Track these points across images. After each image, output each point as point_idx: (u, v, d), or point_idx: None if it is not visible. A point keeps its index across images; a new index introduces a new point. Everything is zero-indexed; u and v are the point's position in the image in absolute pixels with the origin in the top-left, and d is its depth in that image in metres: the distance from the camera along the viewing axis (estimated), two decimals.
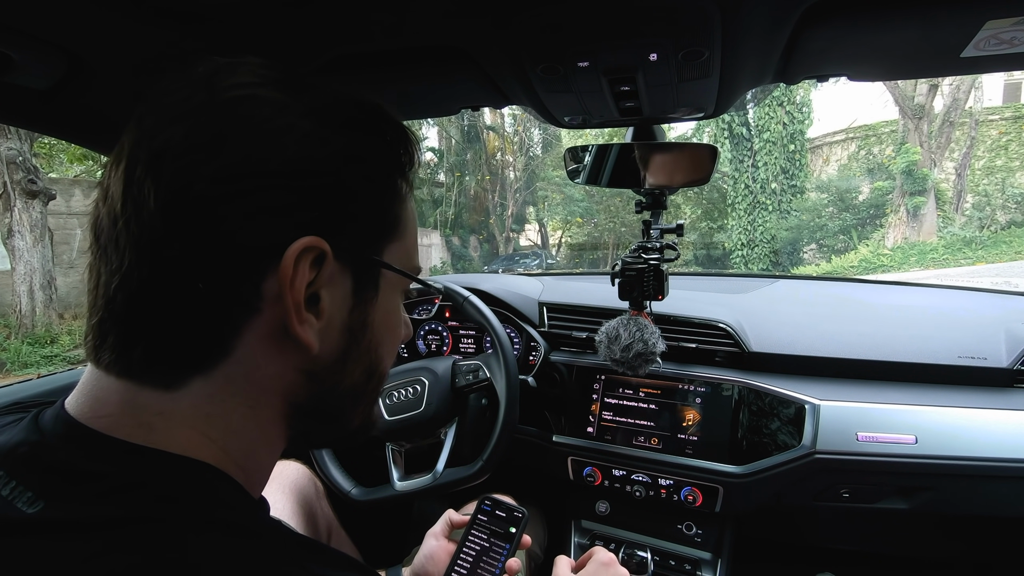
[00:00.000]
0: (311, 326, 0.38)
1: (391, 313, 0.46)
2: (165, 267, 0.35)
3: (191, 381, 0.37)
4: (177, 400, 0.36)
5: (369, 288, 0.43)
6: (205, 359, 0.37)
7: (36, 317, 6.95)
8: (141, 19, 0.60)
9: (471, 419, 1.07)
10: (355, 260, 0.41)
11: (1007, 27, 0.58)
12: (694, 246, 13.56)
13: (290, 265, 0.36)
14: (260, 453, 0.41)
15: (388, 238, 0.44)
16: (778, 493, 1.04)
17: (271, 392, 0.40)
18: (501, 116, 15.21)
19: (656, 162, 0.99)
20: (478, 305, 1.10)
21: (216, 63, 0.39)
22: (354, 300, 0.42)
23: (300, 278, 0.37)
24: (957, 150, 11.89)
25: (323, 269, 0.38)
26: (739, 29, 0.60)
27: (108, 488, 0.33)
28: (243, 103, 0.37)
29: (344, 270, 0.40)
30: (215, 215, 0.35)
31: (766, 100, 10.56)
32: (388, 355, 0.47)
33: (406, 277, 0.46)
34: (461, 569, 0.77)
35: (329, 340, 0.40)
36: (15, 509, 0.31)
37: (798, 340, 1.13)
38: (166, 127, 0.36)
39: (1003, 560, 1.18)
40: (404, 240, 0.45)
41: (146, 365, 0.36)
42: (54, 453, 0.34)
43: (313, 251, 0.37)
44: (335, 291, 0.40)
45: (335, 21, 0.63)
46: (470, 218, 15.99)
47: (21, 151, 6.41)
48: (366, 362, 0.44)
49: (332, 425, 0.47)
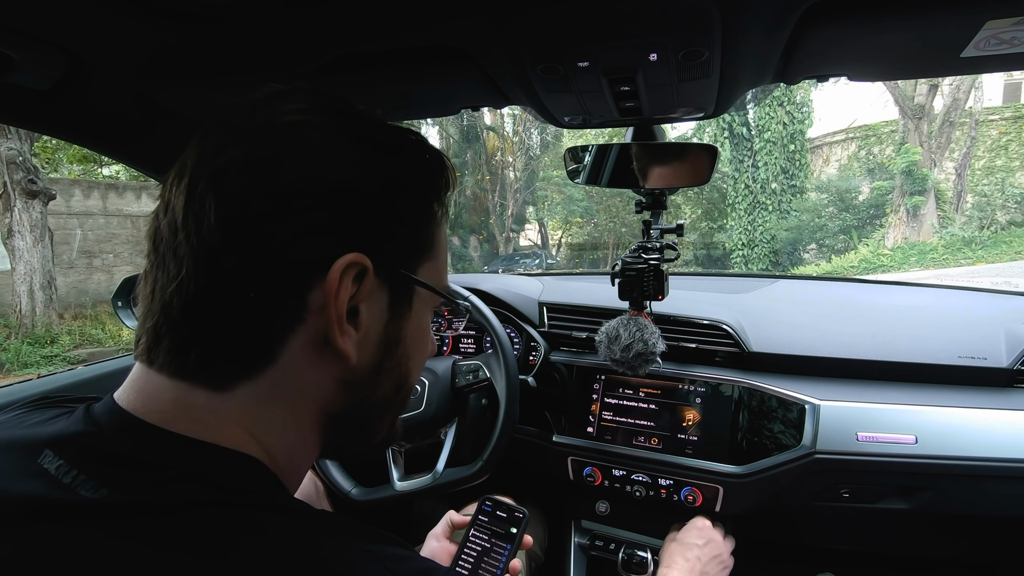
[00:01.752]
0: (350, 338, 0.41)
1: (421, 329, 0.49)
2: (221, 277, 0.38)
3: (239, 385, 0.39)
4: (226, 400, 0.39)
5: (404, 304, 0.45)
6: (253, 364, 0.39)
7: (36, 317, 6.95)
8: (141, 19, 0.60)
9: (471, 419, 1.07)
10: (392, 277, 0.44)
11: (1007, 27, 0.58)
12: (694, 246, 13.57)
13: (336, 279, 0.39)
14: (298, 456, 0.44)
15: (423, 257, 0.46)
16: (778, 493, 1.04)
17: (310, 399, 0.42)
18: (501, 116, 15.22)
19: (656, 162, 0.99)
20: (478, 305, 1.10)
21: (274, 88, 0.42)
22: (390, 314, 0.44)
23: (344, 291, 0.39)
24: (957, 150, 11.89)
25: (364, 284, 0.41)
26: (739, 29, 0.60)
27: (169, 476, 0.35)
28: (300, 128, 0.40)
29: (382, 286, 0.43)
30: (270, 230, 0.38)
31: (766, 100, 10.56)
32: (416, 369, 0.50)
33: (437, 295, 0.48)
34: (462, 570, 0.77)
35: (365, 352, 0.43)
36: (78, 496, 0.33)
37: (798, 340, 1.13)
38: (228, 147, 0.39)
39: (1003, 560, 1.18)
40: (437, 260, 0.48)
41: (199, 367, 0.39)
42: (113, 444, 0.37)
43: (356, 267, 0.40)
44: (373, 305, 0.43)
45: (335, 21, 0.63)
46: (470, 218, 15.99)
47: (21, 151, 6.41)
48: (397, 375, 0.46)
49: (361, 435, 0.48)
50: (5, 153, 6.32)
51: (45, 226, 6.87)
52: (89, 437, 0.37)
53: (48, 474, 0.35)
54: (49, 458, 0.36)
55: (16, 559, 0.32)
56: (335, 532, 0.37)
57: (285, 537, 0.34)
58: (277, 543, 0.34)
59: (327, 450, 0.47)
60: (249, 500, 0.36)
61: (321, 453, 0.47)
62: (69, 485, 0.34)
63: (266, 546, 0.33)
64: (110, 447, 0.37)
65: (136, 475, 0.35)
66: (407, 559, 0.38)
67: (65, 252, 8.18)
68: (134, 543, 0.32)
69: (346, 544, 0.36)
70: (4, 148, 6.30)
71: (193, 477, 0.35)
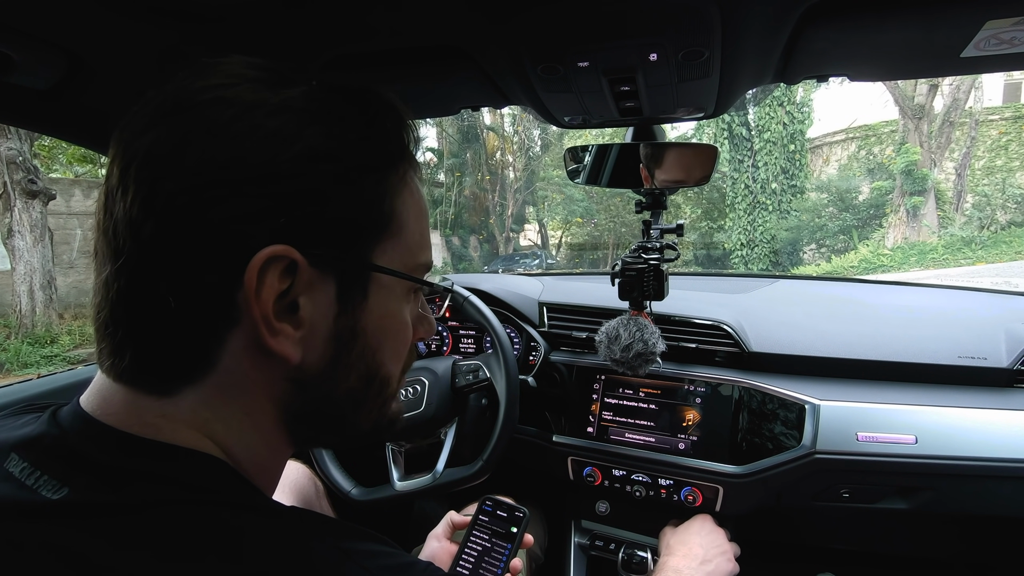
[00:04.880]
0: (287, 337, 0.37)
1: (390, 316, 0.43)
2: (141, 279, 0.35)
3: (182, 390, 0.37)
4: (175, 404, 0.37)
5: (355, 294, 0.40)
6: (192, 370, 0.37)
7: (36, 317, 6.95)
8: (141, 19, 0.60)
9: (471, 419, 1.07)
10: (336, 265, 0.38)
11: (1007, 27, 0.58)
12: (694, 246, 13.57)
13: (254, 277, 0.35)
14: (263, 455, 0.41)
15: (378, 237, 0.40)
16: (778, 493, 1.04)
17: (263, 399, 0.39)
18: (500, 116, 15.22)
19: (656, 162, 0.99)
20: (478, 305, 1.10)
21: (196, 66, 0.38)
22: (340, 306, 0.39)
23: (268, 289, 0.35)
24: (957, 150, 11.90)
25: (298, 277, 0.36)
26: (739, 29, 0.60)
27: (131, 477, 0.34)
28: (208, 107, 0.35)
29: (325, 276, 0.38)
30: (181, 226, 0.34)
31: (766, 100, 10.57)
32: (391, 359, 0.44)
33: (405, 279, 0.42)
34: (463, 570, 0.77)
35: (313, 349, 0.39)
36: (40, 496, 0.33)
37: (798, 340, 1.13)
38: (138, 137, 0.35)
39: (1003, 560, 1.18)
40: (402, 236, 0.42)
41: (136, 372, 0.37)
42: (74, 445, 0.36)
43: (282, 260, 0.35)
44: (317, 298, 0.38)
45: (335, 21, 0.63)
46: (470, 218, 15.99)
47: (21, 151, 6.41)
48: (361, 368, 0.42)
49: (336, 430, 0.45)
50: (5, 153, 6.32)
51: (45, 226, 6.87)
52: (52, 439, 0.36)
53: (13, 477, 0.34)
54: (15, 461, 0.35)
55: None
56: (307, 529, 0.36)
57: (255, 536, 0.33)
58: (247, 542, 0.33)
59: (300, 444, 0.44)
60: (214, 499, 0.35)
61: (295, 448, 0.44)
62: (32, 487, 0.33)
63: (236, 545, 0.32)
64: (72, 449, 0.35)
65: (97, 476, 0.34)
66: (380, 555, 0.37)
67: (65, 252, 8.18)
68: (100, 542, 0.31)
69: (318, 541, 0.35)
70: (4, 148, 6.30)
71: (155, 478, 0.34)
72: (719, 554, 0.91)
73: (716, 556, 0.90)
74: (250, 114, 0.35)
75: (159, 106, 0.36)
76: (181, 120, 0.35)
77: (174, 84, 0.37)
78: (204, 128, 0.35)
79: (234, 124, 0.35)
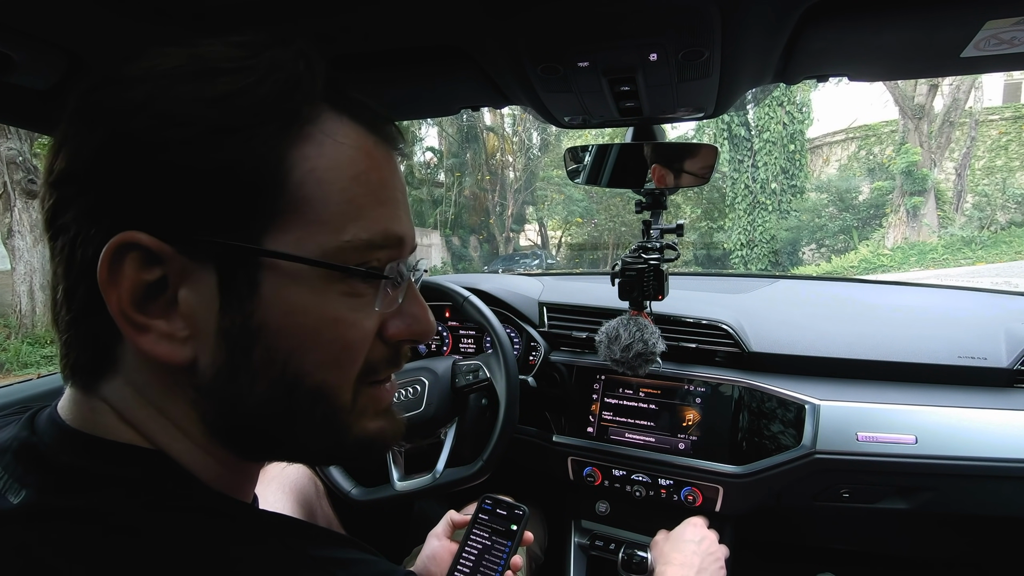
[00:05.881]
0: (161, 335, 0.33)
1: (304, 312, 0.35)
2: (55, 275, 0.36)
3: (99, 386, 0.36)
4: (102, 400, 0.36)
5: (239, 284, 0.33)
6: (99, 367, 0.36)
7: (36, 317, 6.94)
8: (141, 19, 0.60)
9: (471, 419, 1.07)
10: (209, 250, 0.33)
11: (1007, 27, 0.58)
12: (694, 246, 13.57)
13: (104, 268, 0.31)
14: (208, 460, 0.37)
15: (269, 213, 0.33)
16: (778, 493, 1.04)
17: (178, 404, 0.36)
18: (500, 116, 15.23)
19: (656, 162, 0.99)
20: (478, 305, 1.10)
21: None
22: (223, 299, 0.33)
23: (126, 280, 0.32)
24: (957, 150, 11.90)
25: (169, 266, 0.32)
26: (739, 29, 0.60)
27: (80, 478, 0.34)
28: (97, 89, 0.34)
29: (203, 264, 0.33)
30: (55, 216, 0.34)
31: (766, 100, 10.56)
32: (320, 366, 0.36)
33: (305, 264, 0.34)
34: (464, 568, 0.77)
35: (206, 350, 0.34)
36: (5, 500, 0.33)
37: (798, 340, 1.13)
38: None
39: (1003, 560, 1.18)
40: (311, 208, 0.34)
41: (63, 365, 0.37)
42: (40, 448, 0.36)
43: (136, 248, 0.32)
44: (199, 290, 0.33)
45: (334, 22, 0.63)
46: (470, 218, 15.99)
47: (21, 151, 6.41)
48: (272, 376, 0.35)
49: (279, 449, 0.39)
50: (5, 153, 6.32)
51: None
52: (22, 442, 0.36)
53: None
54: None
55: None
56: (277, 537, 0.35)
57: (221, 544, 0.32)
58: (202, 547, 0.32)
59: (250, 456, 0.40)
60: (170, 503, 0.33)
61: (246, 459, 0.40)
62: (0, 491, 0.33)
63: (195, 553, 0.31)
64: (40, 452, 0.35)
65: (52, 477, 0.34)
66: (356, 563, 0.36)
67: None
68: (52, 547, 0.31)
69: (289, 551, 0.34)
70: (4, 148, 6.30)
71: (109, 480, 0.33)
72: (713, 561, 0.91)
73: (711, 564, 0.90)
74: (121, 90, 0.33)
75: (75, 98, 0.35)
76: (70, 110, 0.35)
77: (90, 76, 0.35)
78: (84, 113, 0.34)
79: (104, 101, 0.33)
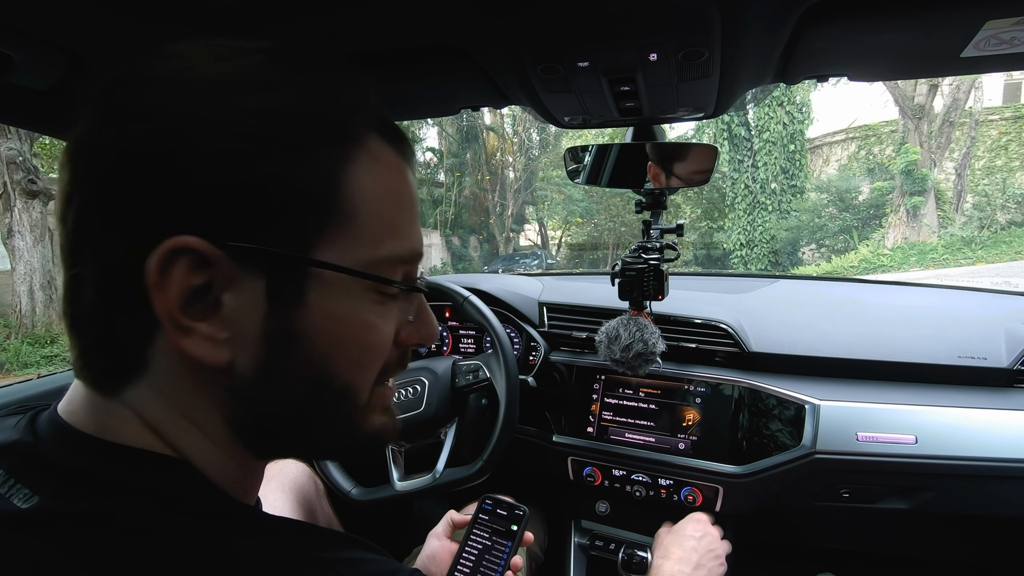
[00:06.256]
0: (205, 338, 0.34)
1: (342, 319, 0.37)
2: (72, 271, 0.35)
3: (124, 390, 0.36)
4: (122, 404, 0.36)
5: (287, 291, 0.35)
6: (126, 370, 0.35)
7: (36, 317, 6.95)
8: (141, 19, 0.60)
9: (471, 419, 1.07)
10: (262, 259, 0.34)
11: (1007, 27, 0.58)
12: (694, 246, 13.57)
13: (155, 271, 0.32)
14: (225, 461, 0.38)
15: (319, 226, 0.35)
16: (778, 493, 1.04)
17: (204, 406, 0.36)
18: (501, 116, 15.23)
19: (656, 162, 0.99)
20: (478, 305, 1.10)
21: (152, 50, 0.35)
22: (268, 306, 0.34)
23: (174, 284, 0.32)
24: (957, 150, 11.90)
25: (217, 272, 0.33)
26: (739, 29, 0.60)
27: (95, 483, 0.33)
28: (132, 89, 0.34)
29: (252, 271, 0.34)
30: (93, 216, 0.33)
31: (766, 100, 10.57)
32: (350, 369, 0.38)
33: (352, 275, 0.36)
34: (464, 568, 0.77)
35: (245, 353, 0.35)
36: (12, 505, 0.32)
37: (798, 340, 1.13)
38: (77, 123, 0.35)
39: (1003, 560, 1.18)
40: (356, 224, 0.36)
41: (83, 368, 0.36)
42: (45, 451, 0.35)
43: (189, 253, 0.32)
44: (244, 296, 0.34)
45: (334, 22, 0.63)
46: (470, 218, 15.99)
47: (21, 151, 6.41)
48: (306, 378, 0.37)
49: (297, 445, 0.41)
50: (5, 153, 6.32)
51: (45, 226, 6.87)
52: (27, 446, 0.35)
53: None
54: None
55: None
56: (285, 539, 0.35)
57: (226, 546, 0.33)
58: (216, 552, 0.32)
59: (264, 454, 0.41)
60: (180, 507, 0.33)
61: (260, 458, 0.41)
62: (5, 495, 0.33)
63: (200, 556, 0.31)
64: (44, 455, 0.35)
65: (66, 483, 0.33)
66: (364, 563, 0.36)
67: None
68: (68, 553, 0.30)
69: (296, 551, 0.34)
70: (4, 148, 6.30)
71: (122, 485, 0.33)
72: (713, 558, 0.91)
73: (710, 561, 0.90)
74: (173, 92, 0.33)
75: (94, 93, 0.34)
76: (105, 104, 0.34)
77: (118, 70, 0.35)
78: (122, 111, 0.33)
79: (154, 104, 0.33)
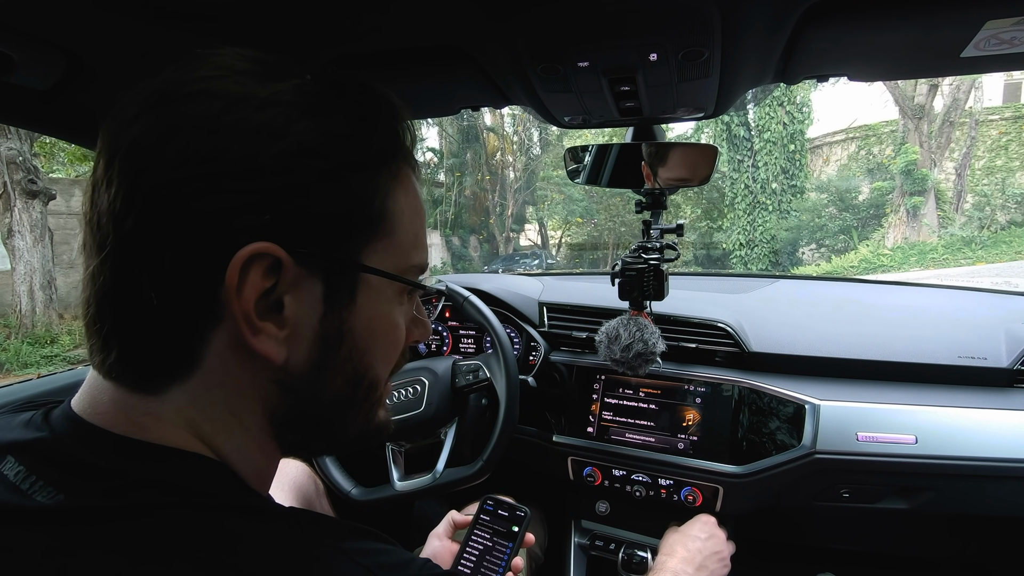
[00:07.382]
0: (270, 336, 0.36)
1: (380, 318, 0.42)
2: (125, 274, 0.35)
3: (169, 388, 0.36)
4: (161, 403, 0.37)
5: (342, 294, 0.39)
6: (176, 368, 0.36)
7: (36, 317, 6.95)
8: (141, 18, 0.60)
9: (471, 419, 1.07)
10: (322, 264, 0.38)
11: (1007, 27, 0.58)
12: (694, 246, 13.58)
13: (235, 274, 0.34)
14: (256, 458, 0.40)
15: (368, 237, 0.39)
16: (778, 493, 1.04)
17: (249, 400, 0.39)
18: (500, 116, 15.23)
19: (656, 162, 0.99)
20: (478, 305, 1.10)
21: (187, 58, 0.37)
22: (325, 307, 0.38)
23: (251, 287, 0.35)
24: (957, 150, 11.90)
25: (283, 275, 0.36)
26: (739, 29, 0.60)
27: (124, 481, 0.34)
28: (193, 100, 0.35)
29: (312, 275, 0.37)
30: (162, 220, 0.34)
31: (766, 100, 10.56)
32: (380, 362, 0.43)
33: (395, 280, 0.42)
34: (465, 569, 0.77)
35: (299, 350, 0.38)
36: (34, 501, 0.33)
37: (798, 340, 1.13)
38: (124, 129, 0.35)
39: (1003, 560, 1.18)
40: (394, 237, 0.41)
41: (123, 369, 0.36)
42: (68, 449, 0.35)
43: (265, 258, 0.35)
44: (303, 298, 0.37)
45: (334, 22, 0.63)
46: (470, 218, 16.00)
47: (21, 151, 6.41)
48: (348, 371, 0.41)
49: (324, 436, 0.44)
50: (5, 153, 6.32)
51: (45, 226, 6.87)
52: (45, 443, 0.36)
53: (7, 480, 0.34)
54: (10, 464, 0.35)
55: None
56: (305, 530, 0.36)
57: (251, 539, 0.33)
58: (244, 545, 0.33)
59: (287, 450, 0.43)
60: (209, 502, 0.35)
61: (282, 453, 0.44)
62: (27, 491, 0.33)
63: (232, 549, 0.32)
64: (65, 452, 0.35)
65: (91, 480, 0.34)
66: (378, 552, 0.37)
67: (65, 252, 8.18)
68: (96, 550, 0.31)
69: (316, 542, 0.35)
70: (4, 148, 6.30)
71: (149, 482, 0.34)
72: (717, 560, 0.91)
73: (714, 563, 0.90)
74: (237, 107, 0.35)
75: (146, 98, 0.35)
76: (166, 112, 0.35)
77: (163, 76, 0.36)
78: (189, 121, 0.34)
79: (220, 117, 0.34)
